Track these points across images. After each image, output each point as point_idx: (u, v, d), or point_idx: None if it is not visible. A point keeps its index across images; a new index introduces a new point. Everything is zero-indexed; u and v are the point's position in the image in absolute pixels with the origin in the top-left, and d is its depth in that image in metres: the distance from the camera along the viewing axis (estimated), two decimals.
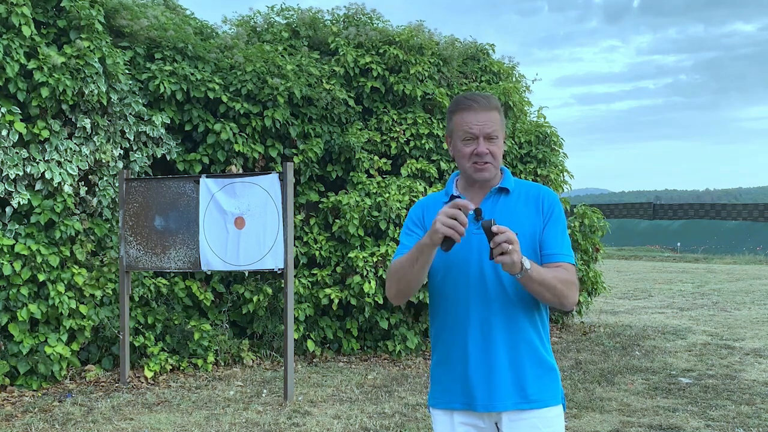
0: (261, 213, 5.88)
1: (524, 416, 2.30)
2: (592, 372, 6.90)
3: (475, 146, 2.29)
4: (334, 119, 8.00)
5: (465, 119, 2.30)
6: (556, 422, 2.34)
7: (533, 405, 2.30)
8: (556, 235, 2.33)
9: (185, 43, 7.27)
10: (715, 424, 5.27)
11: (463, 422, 2.35)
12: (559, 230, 2.34)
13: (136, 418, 5.40)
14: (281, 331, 7.22)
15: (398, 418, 5.39)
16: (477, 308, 2.27)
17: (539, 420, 2.30)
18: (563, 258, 2.32)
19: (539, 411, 2.30)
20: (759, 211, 29.44)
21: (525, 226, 2.31)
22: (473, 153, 2.29)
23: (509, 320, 2.28)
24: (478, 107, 2.29)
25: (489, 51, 9.57)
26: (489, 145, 2.30)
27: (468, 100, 2.32)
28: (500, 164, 2.38)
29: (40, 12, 6.27)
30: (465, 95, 2.36)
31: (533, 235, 2.32)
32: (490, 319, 2.28)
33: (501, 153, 2.35)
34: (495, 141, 2.30)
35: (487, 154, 2.30)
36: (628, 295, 13.24)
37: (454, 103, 2.36)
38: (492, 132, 2.29)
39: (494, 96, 2.38)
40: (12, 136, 5.93)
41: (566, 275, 2.29)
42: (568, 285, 2.28)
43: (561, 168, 9.28)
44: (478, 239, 2.28)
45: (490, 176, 2.33)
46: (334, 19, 8.90)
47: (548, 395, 2.32)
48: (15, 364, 6.00)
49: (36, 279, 6.09)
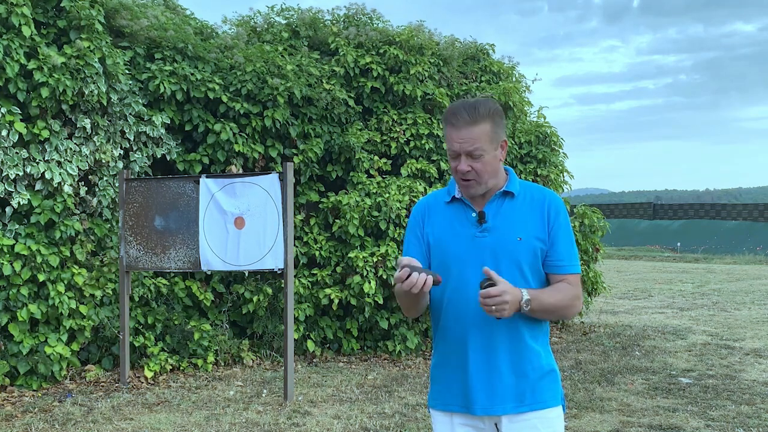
0: (261, 213, 5.88)
1: (524, 417, 2.29)
2: (592, 372, 6.90)
3: (458, 163, 2.26)
4: (334, 119, 8.00)
5: (450, 135, 2.26)
6: (557, 423, 2.34)
7: (533, 407, 2.29)
8: (565, 245, 2.31)
9: (185, 43, 7.27)
10: (715, 424, 5.27)
11: (462, 423, 2.34)
12: (567, 239, 2.32)
13: (136, 418, 5.40)
14: (281, 331, 7.22)
15: (398, 418, 5.39)
16: (477, 312, 2.25)
17: (539, 421, 2.30)
18: (570, 269, 2.31)
19: (539, 412, 2.30)
20: (759, 211, 29.45)
21: (528, 231, 2.28)
22: (456, 169, 2.27)
23: (509, 324, 2.27)
24: (460, 124, 2.23)
25: (489, 51, 9.57)
26: (472, 162, 2.24)
27: (452, 116, 2.26)
28: (494, 173, 2.29)
29: (40, 12, 6.27)
30: (453, 107, 2.29)
31: (536, 241, 2.29)
32: (490, 323, 2.26)
33: (490, 167, 2.27)
34: (479, 158, 2.24)
35: (469, 171, 2.25)
36: (628, 295, 13.24)
37: (444, 115, 2.32)
38: (474, 150, 2.22)
39: (488, 101, 2.28)
40: (12, 136, 5.93)
41: (569, 291, 2.30)
42: (572, 301, 2.30)
43: (561, 168, 9.28)
44: (479, 244, 2.28)
45: (476, 192, 2.29)
46: (334, 19, 8.90)
47: (548, 396, 2.32)
48: (15, 364, 6.00)
49: (36, 279, 6.09)
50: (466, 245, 2.28)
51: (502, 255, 2.26)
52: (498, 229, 2.28)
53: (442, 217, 2.36)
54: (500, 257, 2.25)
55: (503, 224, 2.29)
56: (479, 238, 2.28)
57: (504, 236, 2.27)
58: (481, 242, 2.27)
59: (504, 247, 2.26)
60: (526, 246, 2.27)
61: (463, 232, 2.30)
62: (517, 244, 2.26)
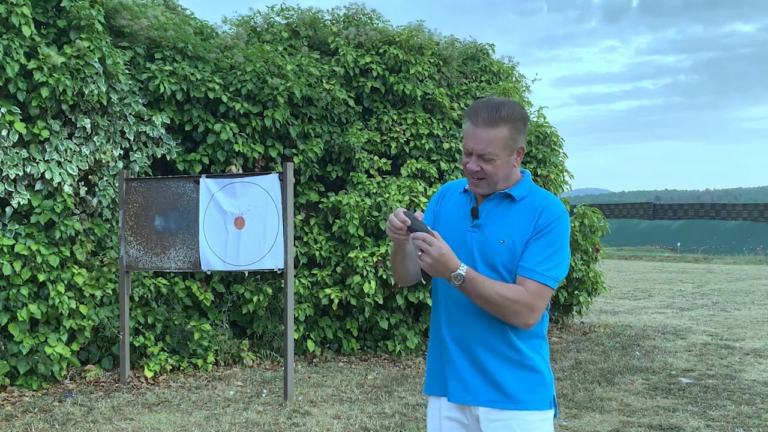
0: (261, 213, 5.88)
1: (501, 416, 2.27)
2: (592, 372, 6.90)
3: (469, 161, 2.28)
4: (334, 119, 8.00)
5: (467, 131, 2.27)
6: (537, 427, 2.28)
7: (509, 405, 2.26)
8: (538, 250, 2.23)
9: (185, 43, 7.27)
10: (715, 424, 5.27)
11: (448, 417, 2.38)
12: (543, 245, 2.23)
13: (136, 418, 5.40)
14: (281, 331, 7.23)
15: (398, 418, 5.39)
16: (458, 303, 2.31)
17: (515, 422, 2.26)
18: (533, 275, 2.21)
19: (516, 413, 2.26)
20: (759, 211, 29.46)
21: (512, 235, 2.27)
22: (466, 167, 2.30)
23: (488, 318, 2.27)
24: (480, 123, 2.23)
25: (489, 51, 9.57)
26: (482, 164, 2.24)
27: (473, 113, 2.25)
28: (505, 176, 2.29)
29: (40, 12, 6.27)
30: (477, 104, 2.29)
31: (520, 245, 2.26)
32: (468, 315, 2.30)
33: (502, 171, 2.27)
34: (489, 162, 2.24)
35: (479, 172, 2.26)
36: (628, 295, 13.24)
37: (467, 109, 2.33)
38: (485, 154, 2.22)
39: (514, 105, 2.25)
40: (12, 136, 5.93)
41: (518, 294, 2.19)
42: (516, 305, 2.19)
43: (561, 168, 9.28)
44: (470, 237, 2.32)
45: (483, 192, 2.32)
46: (334, 19, 8.90)
47: (528, 398, 2.28)
48: (15, 364, 6.00)
49: (36, 279, 6.09)
50: (459, 236, 2.34)
51: (481, 253, 2.29)
52: (486, 228, 2.31)
53: (452, 204, 2.43)
54: (479, 255, 2.29)
55: (491, 224, 2.32)
56: (470, 232, 2.33)
57: (489, 236, 2.30)
58: (470, 236, 2.33)
59: (486, 246, 2.29)
60: (507, 249, 2.27)
61: (461, 224, 2.36)
62: (499, 246, 2.27)
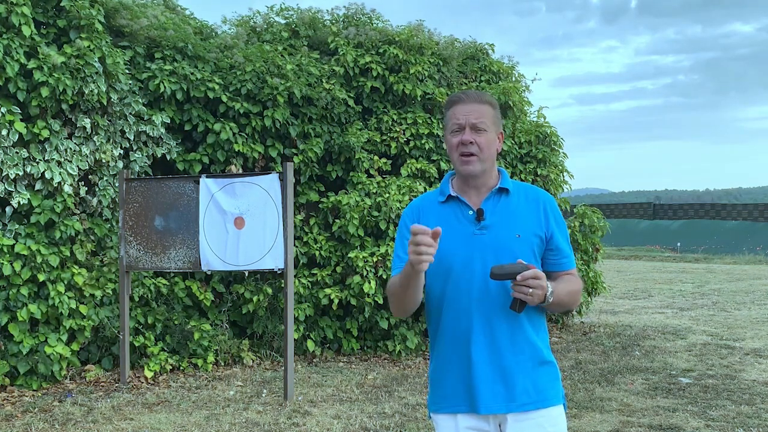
0: (261, 213, 5.88)
1: (530, 416, 2.28)
2: (592, 372, 6.89)
3: (461, 135, 2.27)
4: (334, 119, 8.00)
5: (454, 111, 2.31)
6: (560, 421, 2.33)
7: (538, 405, 2.28)
8: (565, 242, 2.39)
9: (185, 42, 7.27)
10: (715, 424, 5.27)
11: (468, 426, 2.30)
12: (565, 236, 2.40)
13: (136, 418, 5.40)
14: (281, 331, 7.22)
15: (398, 418, 5.39)
16: (480, 310, 2.25)
17: (545, 419, 2.29)
18: (572, 265, 2.40)
19: (544, 410, 2.29)
20: (759, 211, 29.44)
21: (526, 228, 2.30)
22: (459, 143, 2.27)
23: (511, 321, 2.26)
24: (467, 99, 2.30)
25: (488, 51, 9.57)
26: (475, 136, 2.26)
27: (459, 94, 2.33)
28: (492, 162, 2.32)
29: (40, 12, 6.27)
30: (457, 93, 2.38)
31: (534, 237, 2.31)
32: (492, 321, 2.25)
33: (491, 148, 2.30)
34: (482, 133, 2.27)
35: (472, 144, 2.26)
36: (628, 295, 13.24)
37: (447, 100, 2.37)
38: (478, 122, 2.26)
39: (490, 94, 2.42)
40: (12, 135, 5.93)
41: (577, 284, 2.37)
42: (579, 294, 2.40)
43: (561, 168, 9.28)
44: (479, 241, 2.27)
45: (475, 170, 2.29)
46: (334, 19, 8.89)
47: (551, 394, 2.32)
48: (15, 364, 6.00)
49: (36, 279, 6.09)
50: (466, 243, 2.27)
51: (502, 252, 2.25)
52: (496, 227, 2.29)
53: (437, 217, 2.32)
54: (501, 254, 2.24)
55: (501, 222, 2.30)
56: (478, 235, 2.28)
57: (502, 233, 2.28)
58: (481, 240, 2.27)
59: (504, 244, 2.27)
60: (524, 243, 2.28)
61: (462, 230, 2.30)
62: (516, 241, 2.27)
